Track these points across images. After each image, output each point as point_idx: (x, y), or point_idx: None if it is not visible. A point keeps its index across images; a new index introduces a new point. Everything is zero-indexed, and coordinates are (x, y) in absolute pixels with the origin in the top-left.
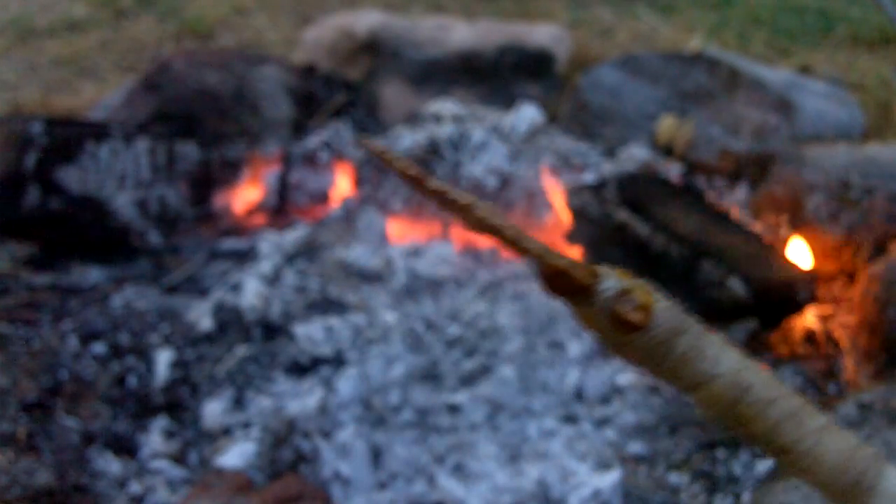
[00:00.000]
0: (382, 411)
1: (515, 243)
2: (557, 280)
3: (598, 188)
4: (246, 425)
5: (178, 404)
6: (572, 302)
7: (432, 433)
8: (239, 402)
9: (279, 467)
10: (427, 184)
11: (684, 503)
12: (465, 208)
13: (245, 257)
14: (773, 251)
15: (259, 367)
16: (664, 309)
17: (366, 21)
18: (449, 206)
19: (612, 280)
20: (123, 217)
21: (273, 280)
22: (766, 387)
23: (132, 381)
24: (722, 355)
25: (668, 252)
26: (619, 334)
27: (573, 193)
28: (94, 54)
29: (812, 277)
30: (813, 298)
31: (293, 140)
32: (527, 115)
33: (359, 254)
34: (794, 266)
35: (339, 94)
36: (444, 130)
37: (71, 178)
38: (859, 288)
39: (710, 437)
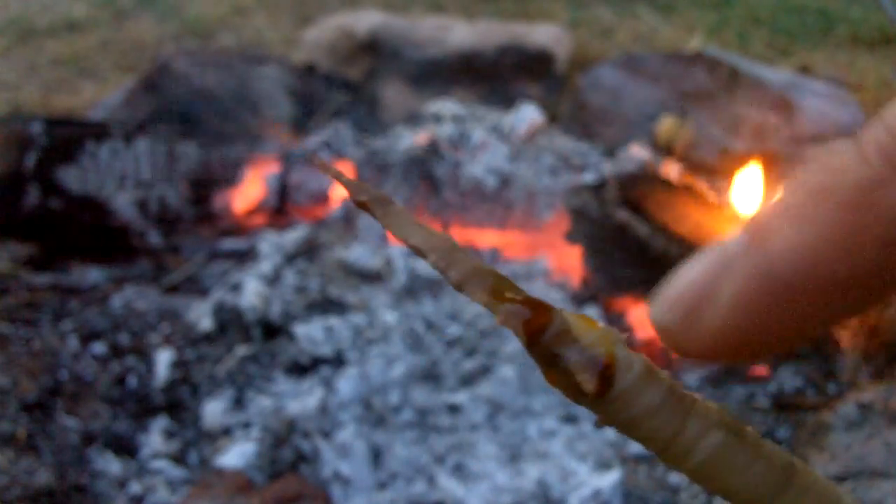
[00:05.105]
0: (382, 411)
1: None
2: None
3: (598, 188)
4: (246, 425)
5: (178, 404)
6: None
7: (432, 433)
8: (239, 402)
9: (279, 467)
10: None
11: (684, 503)
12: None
13: (245, 257)
14: None
15: (259, 367)
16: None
17: (366, 21)
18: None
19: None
20: (123, 217)
21: (273, 280)
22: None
23: (132, 381)
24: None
25: (668, 252)
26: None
27: (573, 193)
28: (94, 54)
29: None
30: None
31: (293, 140)
32: (527, 115)
33: (359, 254)
34: None
35: (339, 94)
36: (444, 130)
37: (71, 178)
38: None
39: None
